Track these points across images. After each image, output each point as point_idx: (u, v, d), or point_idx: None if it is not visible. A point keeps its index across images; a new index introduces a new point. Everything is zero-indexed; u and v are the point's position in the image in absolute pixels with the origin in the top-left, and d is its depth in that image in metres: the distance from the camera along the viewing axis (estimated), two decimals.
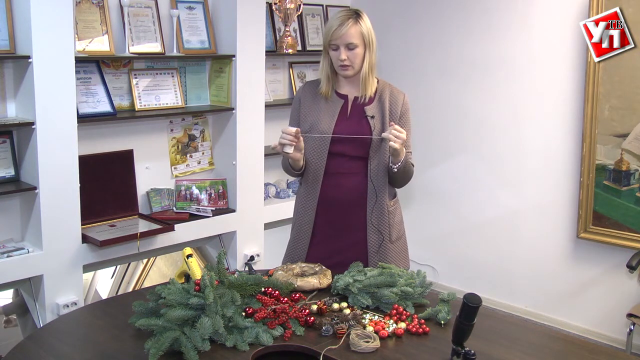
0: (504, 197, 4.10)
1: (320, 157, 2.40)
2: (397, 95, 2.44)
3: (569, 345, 2.02)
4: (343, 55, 2.32)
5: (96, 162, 3.32)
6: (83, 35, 3.19)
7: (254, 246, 3.90)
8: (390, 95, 2.43)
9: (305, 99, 2.48)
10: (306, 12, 4.30)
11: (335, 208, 2.44)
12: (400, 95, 2.45)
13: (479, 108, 4.14)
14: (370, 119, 2.38)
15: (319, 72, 2.47)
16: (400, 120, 2.41)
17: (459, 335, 1.72)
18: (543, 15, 3.82)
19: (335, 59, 2.35)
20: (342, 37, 2.30)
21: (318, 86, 2.46)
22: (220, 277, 1.94)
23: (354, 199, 2.43)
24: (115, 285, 4.14)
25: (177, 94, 3.61)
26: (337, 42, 2.32)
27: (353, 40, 2.31)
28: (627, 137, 3.51)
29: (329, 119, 2.41)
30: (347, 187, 2.42)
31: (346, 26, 2.30)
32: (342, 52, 2.32)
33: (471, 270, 4.30)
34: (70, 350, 1.88)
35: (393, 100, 2.42)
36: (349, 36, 2.30)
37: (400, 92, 2.47)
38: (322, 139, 2.39)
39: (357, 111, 2.42)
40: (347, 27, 2.29)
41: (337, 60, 2.35)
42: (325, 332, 1.91)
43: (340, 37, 2.31)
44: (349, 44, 2.31)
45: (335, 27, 2.31)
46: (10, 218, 3.11)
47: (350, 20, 2.31)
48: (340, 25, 2.30)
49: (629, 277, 3.61)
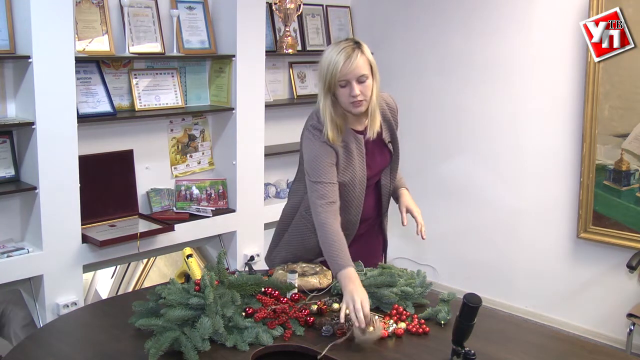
0: (504, 197, 4.10)
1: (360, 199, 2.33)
2: (391, 105, 2.40)
3: (569, 345, 2.02)
4: (356, 89, 2.12)
5: (96, 162, 3.32)
6: (83, 35, 3.19)
7: (254, 246, 3.90)
8: (389, 108, 2.38)
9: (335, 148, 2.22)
10: (306, 12, 4.30)
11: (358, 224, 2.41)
12: (392, 103, 2.41)
13: (479, 108, 4.14)
14: (389, 144, 2.36)
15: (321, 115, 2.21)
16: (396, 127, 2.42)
17: (459, 335, 1.72)
18: (543, 15, 3.82)
19: (346, 96, 2.15)
20: (352, 71, 2.11)
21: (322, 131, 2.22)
22: (220, 277, 1.94)
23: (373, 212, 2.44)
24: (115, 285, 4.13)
25: (177, 94, 3.61)
26: (348, 77, 2.12)
27: (364, 71, 2.13)
28: (627, 137, 3.51)
29: (360, 163, 2.28)
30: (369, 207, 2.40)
31: (355, 58, 2.11)
32: (354, 87, 2.12)
33: (471, 270, 4.30)
34: (70, 350, 1.88)
35: (392, 112, 2.39)
36: (360, 68, 2.12)
37: (390, 98, 2.41)
38: (361, 185, 2.29)
39: (374, 141, 2.33)
40: (356, 60, 2.11)
41: (347, 97, 2.15)
42: (325, 332, 1.91)
43: (351, 72, 2.11)
44: (360, 77, 2.13)
45: (342, 62, 2.10)
46: (10, 218, 3.11)
47: (356, 51, 2.12)
48: (348, 58, 2.10)
49: (629, 277, 3.61)
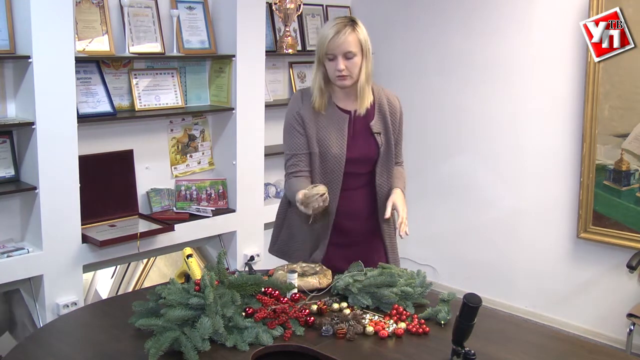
0: (504, 197, 4.10)
1: (336, 178, 2.33)
2: (393, 102, 2.42)
3: (569, 345, 2.02)
4: (341, 64, 2.21)
5: (96, 162, 3.32)
6: (83, 35, 3.19)
7: (254, 246, 3.90)
8: (388, 104, 2.40)
9: (307, 117, 2.32)
10: (306, 12, 4.30)
11: (349, 221, 2.41)
12: (396, 102, 2.43)
13: (479, 108, 4.14)
14: (377, 135, 2.35)
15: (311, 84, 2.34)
16: (399, 128, 2.42)
17: (459, 335, 1.72)
18: (543, 15, 3.82)
19: (332, 70, 2.24)
20: (339, 46, 2.20)
21: (310, 99, 2.33)
22: (220, 277, 1.94)
23: (366, 210, 2.43)
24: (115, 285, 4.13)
25: (177, 94, 3.61)
26: (335, 51, 2.21)
27: (351, 48, 2.21)
28: (627, 137, 3.51)
29: (339, 139, 2.31)
30: (359, 201, 2.40)
31: (343, 34, 2.19)
32: (340, 62, 2.21)
33: (471, 270, 4.30)
34: (70, 350, 1.88)
35: (392, 110, 2.40)
36: (347, 44, 2.20)
37: (394, 97, 2.43)
38: (336, 162, 2.30)
39: (362, 127, 2.35)
40: (345, 35, 2.20)
41: (334, 70, 2.24)
42: (325, 332, 1.91)
43: (337, 46, 2.20)
44: (347, 53, 2.21)
45: (331, 36, 2.20)
46: (10, 218, 3.11)
47: (347, 28, 2.21)
48: (337, 33, 2.19)
49: (629, 277, 3.61)
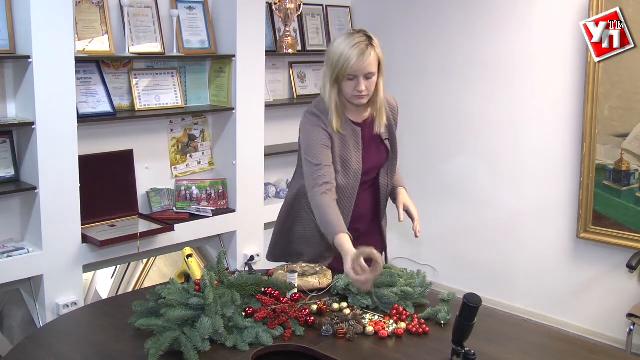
0: (504, 197, 4.09)
1: (352, 192, 2.35)
2: (392, 103, 2.43)
3: (569, 345, 2.02)
4: (362, 85, 2.19)
5: (96, 162, 3.32)
6: (83, 35, 3.19)
7: (254, 246, 3.90)
8: (388, 104, 2.41)
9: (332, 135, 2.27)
10: (306, 12, 4.30)
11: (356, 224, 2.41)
12: (394, 102, 2.45)
13: (479, 108, 4.14)
14: (386, 141, 2.38)
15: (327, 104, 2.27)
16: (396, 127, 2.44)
17: (459, 335, 1.72)
18: (543, 15, 3.81)
19: (352, 89, 2.20)
20: (364, 68, 2.16)
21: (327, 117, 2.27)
22: (220, 277, 1.94)
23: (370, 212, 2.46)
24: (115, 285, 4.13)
25: (177, 94, 3.61)
26: (357, 73, 2.17)
27: (372, 69, 2.19)
28: (627, 137, 3.51)
29: (356, 154, 2.31)
30: (365, 204, 2.42)
31: (368, 56, 2.16)
32: (361, 83, 2.18)
33: (471, 270, 4.29)
34: (70, 350, 1.88)
35: (391, 110, 2.42)
36: (370, 66, 2.17)
37: (391, 97, 2.45)
38: (355, 176, 2.31)
39: (371, 136, 2.35)
40: (369, 58, 2.16)
41: (353, 90, 2.20)
42: (325, 332, 1.91)
43: (361, 69, 2.16)
44: (368, 74, 2.18)
45: (355, 59, 2.14)
46: (10, 218, 3.11)
47: (370, 48, 2.16)
48: (361, 55, 2.15)
49: (629, 277, 3.61)
